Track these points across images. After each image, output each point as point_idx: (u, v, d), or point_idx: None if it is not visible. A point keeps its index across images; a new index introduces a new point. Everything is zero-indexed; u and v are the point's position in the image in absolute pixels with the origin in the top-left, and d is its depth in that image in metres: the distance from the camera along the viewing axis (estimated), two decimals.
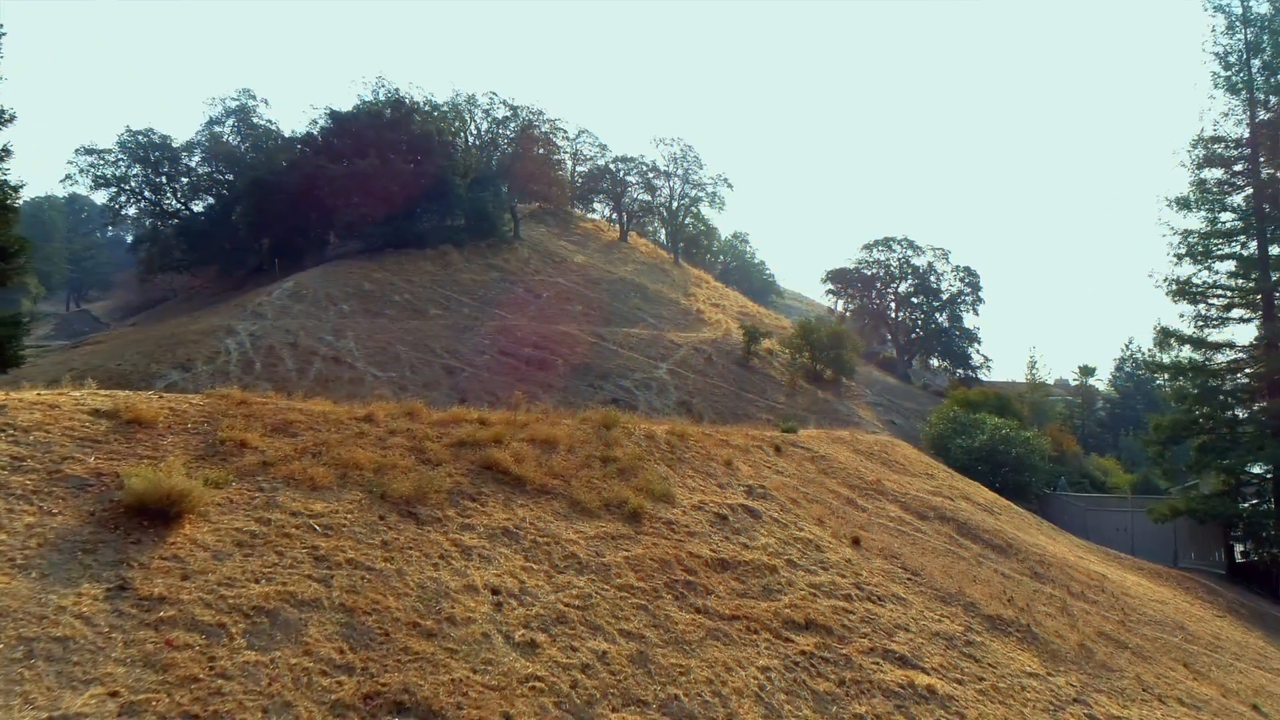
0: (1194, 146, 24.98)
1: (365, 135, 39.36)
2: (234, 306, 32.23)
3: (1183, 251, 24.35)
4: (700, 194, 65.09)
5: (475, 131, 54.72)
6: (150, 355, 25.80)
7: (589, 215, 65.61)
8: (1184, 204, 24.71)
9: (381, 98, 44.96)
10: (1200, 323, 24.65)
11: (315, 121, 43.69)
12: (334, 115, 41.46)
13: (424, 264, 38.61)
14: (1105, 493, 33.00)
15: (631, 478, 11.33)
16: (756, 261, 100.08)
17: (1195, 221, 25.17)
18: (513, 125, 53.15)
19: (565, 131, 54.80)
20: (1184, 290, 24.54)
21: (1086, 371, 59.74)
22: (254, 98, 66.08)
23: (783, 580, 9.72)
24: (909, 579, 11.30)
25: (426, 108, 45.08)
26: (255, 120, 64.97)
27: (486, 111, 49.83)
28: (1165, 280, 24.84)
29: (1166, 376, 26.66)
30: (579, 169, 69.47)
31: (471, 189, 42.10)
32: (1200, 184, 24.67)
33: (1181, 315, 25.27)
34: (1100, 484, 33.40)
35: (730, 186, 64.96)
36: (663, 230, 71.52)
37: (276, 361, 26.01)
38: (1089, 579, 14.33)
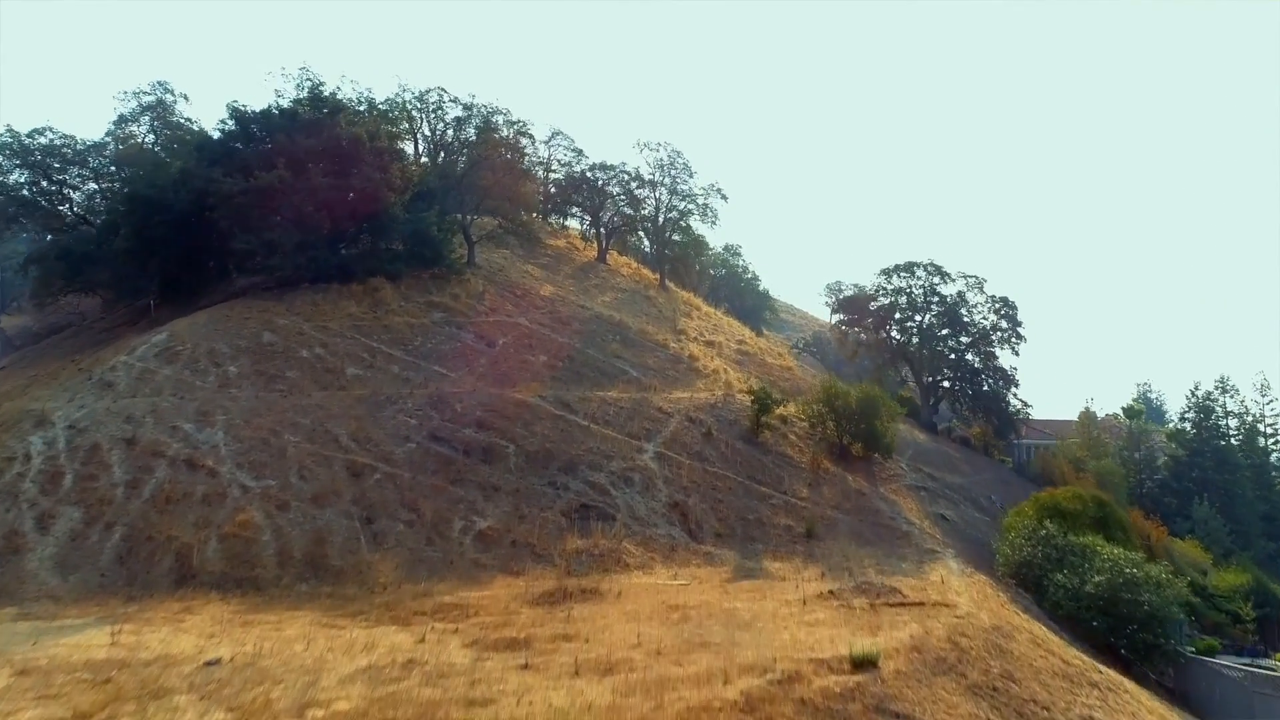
0: None
1: (275, 141, 32.29)
2: (77, 371, 25.04)
3: None
4: (690, 206, 58.56)
5: (427, 134, 47.78)
6: None
7: (562, 229, 58.78)
8: None
9: (306, 93, 37.89)
10: None
11: (224, 122, 36.48)
12: (237, 115, 34.27)
13: (346, 304, 31.57)
14: (1213, 597, 26.65)
15: None
16: (749, 275, 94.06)
17: None
18: (470, 127, 46.22)
19: (531, 136, 47.71)
20: None
21: (1133, 414, 53.67)
22: (170, 92, 58.93)
23: None
24: None
25: (361, 106, 38.03)
26: (173, 119, 57.81)
27: (436, 112, 42.85)
28: None
29: None
30: (553, 175, 62.85)
31: (412, 206, 35.11)
32: None
33: None
34: (1201, 589, 27.13)
35: (724, 198, 58.45)
36: (646, 240, 64.85)
37: (100, 470, 18.89)
38: None
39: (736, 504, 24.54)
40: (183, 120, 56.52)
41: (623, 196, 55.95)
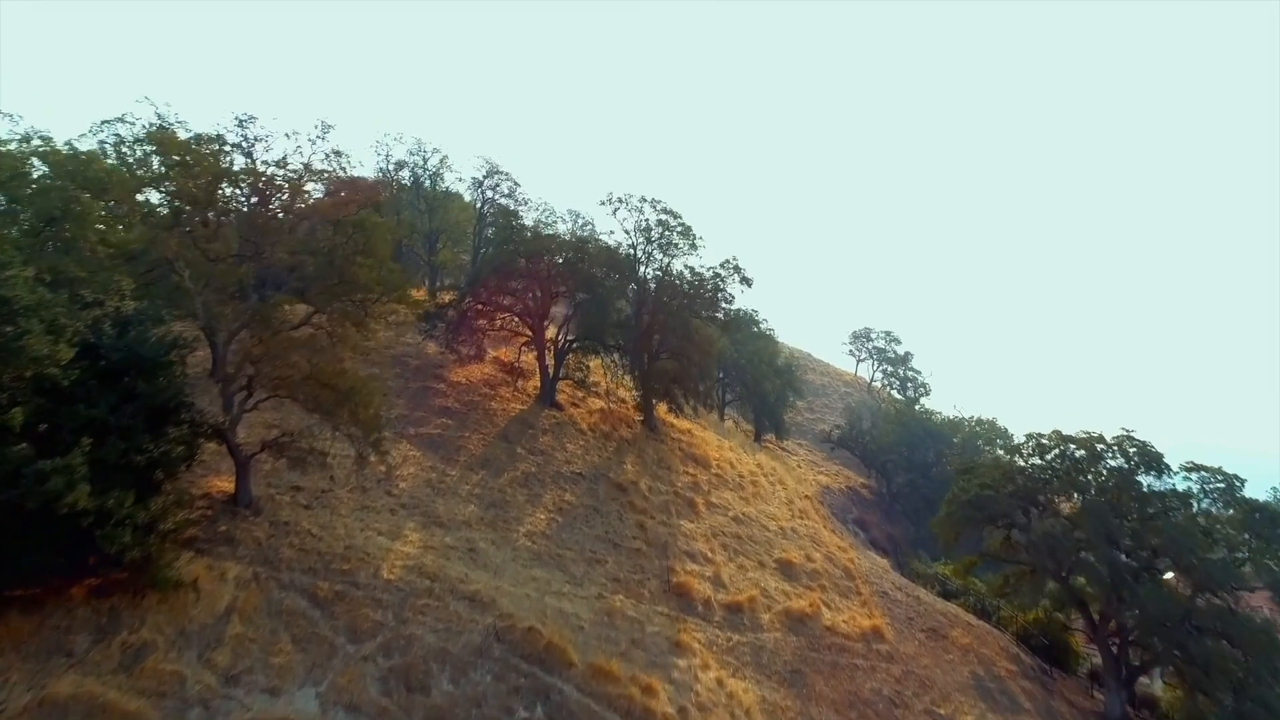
0: None
1: None
2: None
3: None
4: (697, 298, 39.37)
5: (236, 199, 27.80)
6: None
7: (473, 354, 38.61)
8: None
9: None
10: None
11: None
12: None
13: None
14: None
15: None
16: (770, 335, 74.27)
17: None
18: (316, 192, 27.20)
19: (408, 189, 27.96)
20: None
21: None
22: None
23: None
24: None
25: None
26: None
27: (193, 172, 23.24)
28: None
29: None
30: (484, 233, 44.08)
31: (112, 423, 15.80)
32: None
33: None
34: None
35: (747, 282, 39.43)
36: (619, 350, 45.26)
37: None
38: None
39: None
40: None
41: (580, 287, 36.72)
